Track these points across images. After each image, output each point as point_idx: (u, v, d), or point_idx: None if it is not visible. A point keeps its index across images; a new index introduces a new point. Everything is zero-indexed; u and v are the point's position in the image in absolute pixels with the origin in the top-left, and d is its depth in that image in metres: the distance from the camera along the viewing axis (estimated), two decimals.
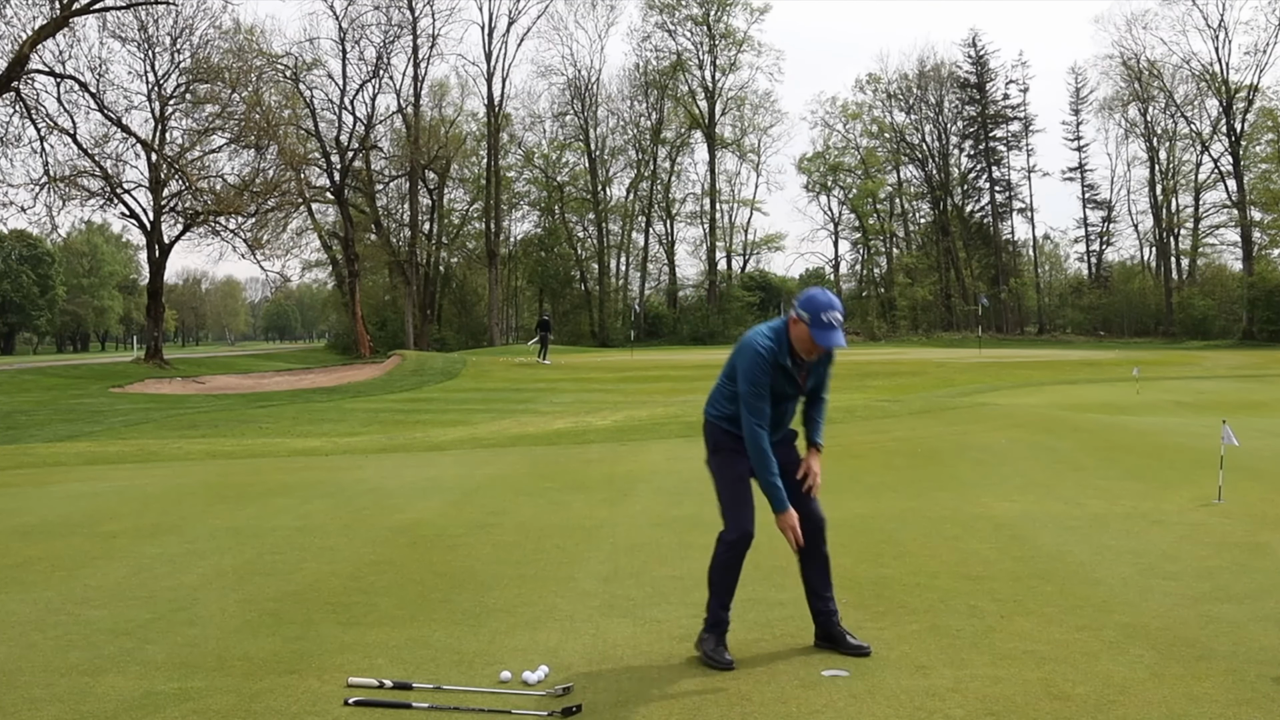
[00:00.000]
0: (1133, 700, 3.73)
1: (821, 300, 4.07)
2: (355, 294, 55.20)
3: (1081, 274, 74.21)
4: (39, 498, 9.26)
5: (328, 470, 10.86)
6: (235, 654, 4.42)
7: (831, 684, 3.98)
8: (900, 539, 6.53)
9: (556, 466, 10.52)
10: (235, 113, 42.12)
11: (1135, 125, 64.92)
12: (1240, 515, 7.16)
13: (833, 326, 4.06)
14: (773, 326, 4.26)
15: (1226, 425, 8.06)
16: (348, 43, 55.00)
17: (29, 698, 3.91)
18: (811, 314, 4.06)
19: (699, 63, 66.52)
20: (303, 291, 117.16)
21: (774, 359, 4.18)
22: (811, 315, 4.06)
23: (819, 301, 4.07)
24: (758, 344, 4.18)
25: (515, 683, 4.04)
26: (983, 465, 9.75)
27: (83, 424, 20.35)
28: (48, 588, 5.64)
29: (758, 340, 4.20)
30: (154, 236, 41.36)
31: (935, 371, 28.40)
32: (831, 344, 4.09)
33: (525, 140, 67.03)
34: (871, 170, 71.05)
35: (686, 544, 6.50)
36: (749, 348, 4.20)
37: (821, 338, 4.06)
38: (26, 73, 35.02)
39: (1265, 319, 54.02)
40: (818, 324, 4.06)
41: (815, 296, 4.10)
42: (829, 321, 4.05)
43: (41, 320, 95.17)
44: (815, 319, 4.06)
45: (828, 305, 4.05)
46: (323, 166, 55.21)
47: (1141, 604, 4.97)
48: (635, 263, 69.41)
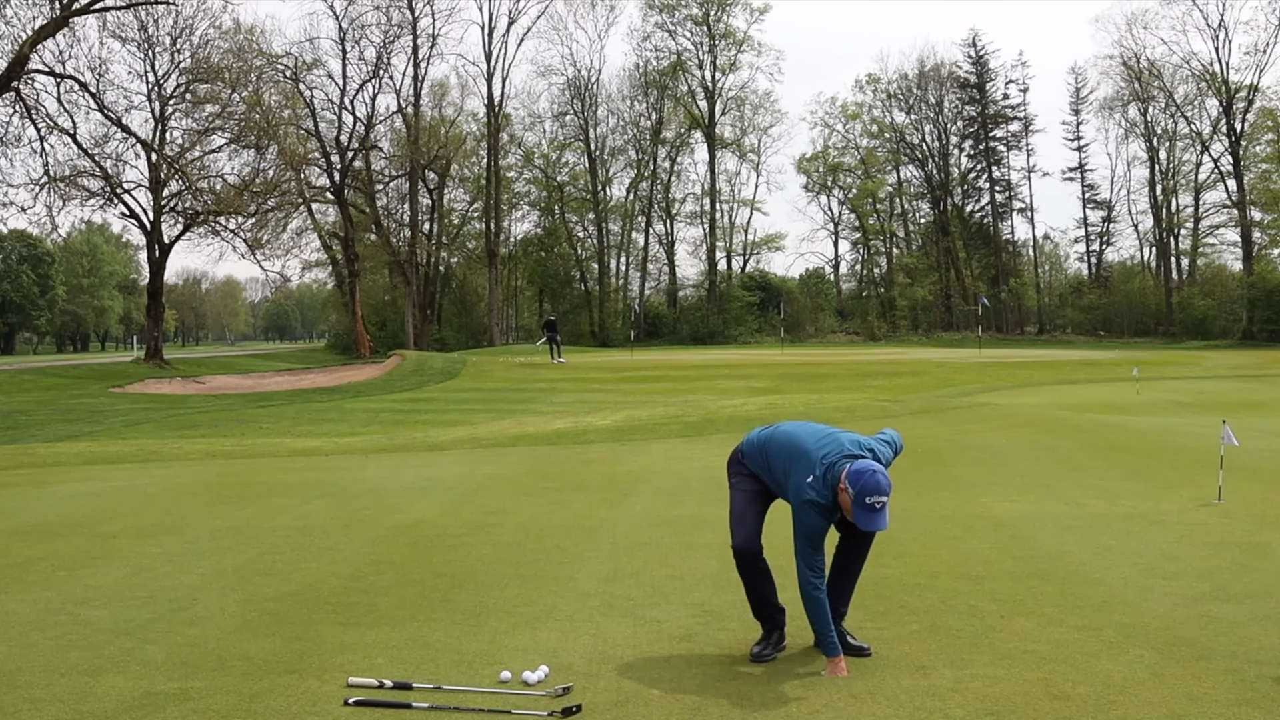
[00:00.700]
0: (1133, 700, 3.73)
1: (869, 484, 4.00)
2: (355, 294, 55.19)
3: (1081, 274, 74.21)
4: (39, 498, 9.26)
5: (328, 470, 10.86)
6: (235, 654, 4.42)
7: (831, 684, 3.98)
8: (900, 539, 6.53)
9: (556, 466, 10.52)
10: (235, 113, 42.13)
11: (1135, 125, 64.94)
12: (1240, 515, 7.16)
13: (874, 510, 4.02)
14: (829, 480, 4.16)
15: (1226, 425, 8.06)
16: (348, 43, 55.04)
17: (29, 698, 3.91)
18: (856, 492, 4.03)
19: (699, 63, 66.54)
20: (303, 291, 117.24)
21: (831, 517, 4.23)
22: (855, 493, 4.03)
23: (866, 484, 4.01)
24: (817, 500, 4.16)
25: (515, 683, 4.04)
26: (983, 465, 9.75)
27: (83, 424, 20.35)
28: (48, 588, 5.64)
29: (817, 498, 4.16)
30: (154, 236, 41.36)
31: (935, 371, 28.40)
32: (871, 528, 4.07)
33: (525, 140, 67.09)
34: (871, 170, 71.01)
35: (686, 544, 6.50)
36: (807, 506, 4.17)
37: (862, 520, 4.05)
38: (26, 73, 35.03)
39: (1265, 319, 54.01)
40: (860, 505, 4.04)
41: (865, 480, 4.02)
42: (872, 505, 4.02)
43: (41, 320, 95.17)
44: (859, 499, 4.03)
45: (875, 490, 4.00)
46: (323, 166, 55.21)
47: (1141, 604, 4.97)
48: (635, 263, 69.43)
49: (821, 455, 4.21)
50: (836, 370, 29.04)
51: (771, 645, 4.36)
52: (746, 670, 4.15)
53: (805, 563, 4.16)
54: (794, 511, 4.23)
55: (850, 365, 31.23)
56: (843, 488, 4.09)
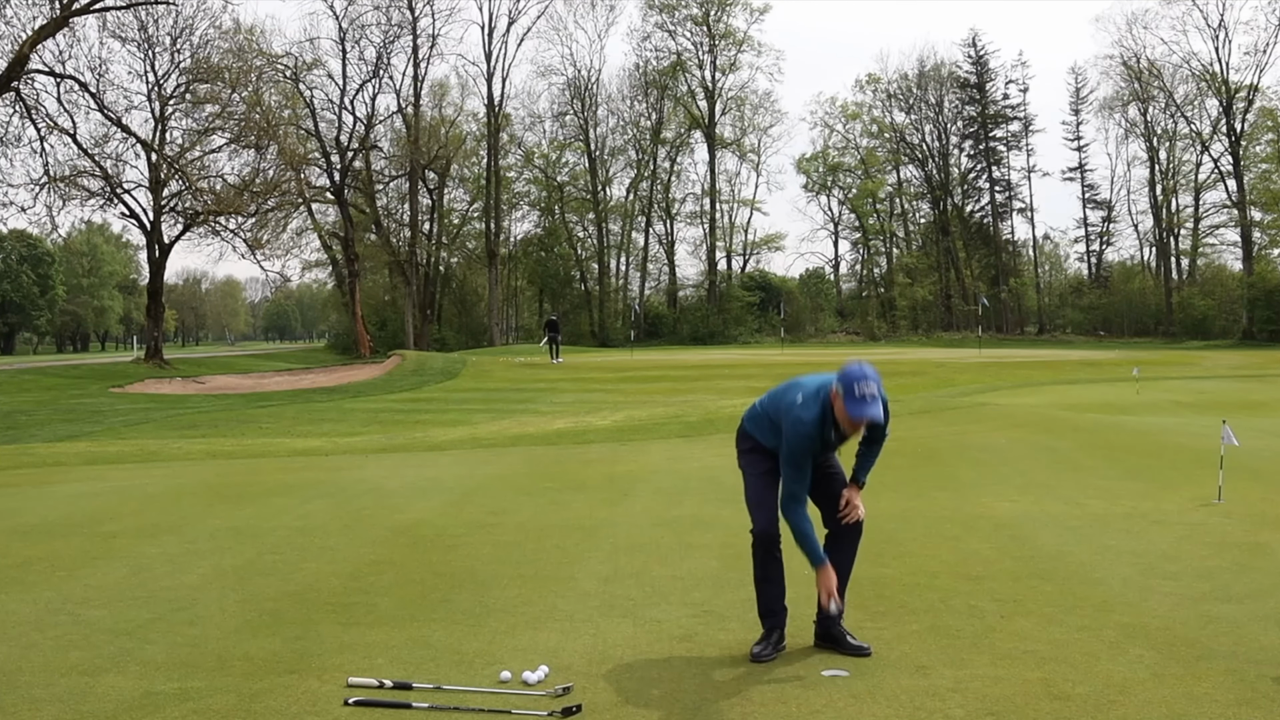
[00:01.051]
0: (1133, 700, 3.73)
1: (855, 372, 4.05)
2: (355, 294, 55.19)
3: (1081, 274, 74.21)
4: (39, 498, 9.26)
5: (328, 470, 10.86)
6: (235, 654, 4.42)
7: (831, 684, 3.98)
8: (900, 539, 6.53)
9: (556, 466, 10.52)
10: (235, 113, 42.12)
11: (1135, 125, 64.94)
12: (1240, 515, 7.16)
13: (865, 399, 4.02)
14: (820, 396, 4.21)
15: (1226, 425, 8.06)
16: (348, 43, 55.06)
17: (29, 698, 3.91)
18: (845, 386, 4.06)
19: (699, 63, 66.53)
20: (303, 291, 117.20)
21: (819, 433, 4.20)
22: (844, 387, 4.06)
23: (852, 374, 4.06)
24: (805, 417, 4.16)
25: (515, 683, 4.04)
26: (983, 465, 9.75)
27: (83, 424, 20.35)
28: (48, 588, 5.64)
29: (803, 414, 4.18)
30: (154, 236, 41.36)
31: (935, 371, 28.40)
32: (864, 416, 4.05)
33: (525, 140, 67.07)
34: (871, 170, 71.02)
35: (686, 544, 6.50)
36: (795, 422, 4.18)
37: (854, 409, 4.04)
38: (26, 73, 35.02)
39: (1265, 319, 54.02)
40: (849, 396, 4.05)
41: (849, 369, 4.09)
42: (861, 395, 4.02)
43: (41, 320, 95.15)
44: (848, 391, 4.04)
45: (860, 376, 4.03)
46: (323, 166, 55.23)
47: (1141, 604, 4.97)
48: (635, 263, 69.44)
49: (814, 384, 4.29)
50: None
51: (772, 645, 4.36)
52: (746, 670, 4.15)
53: (789, 481, 4.22)
54: (784, 436, 4.23)
55: None
56: (834, 393, 4.14)
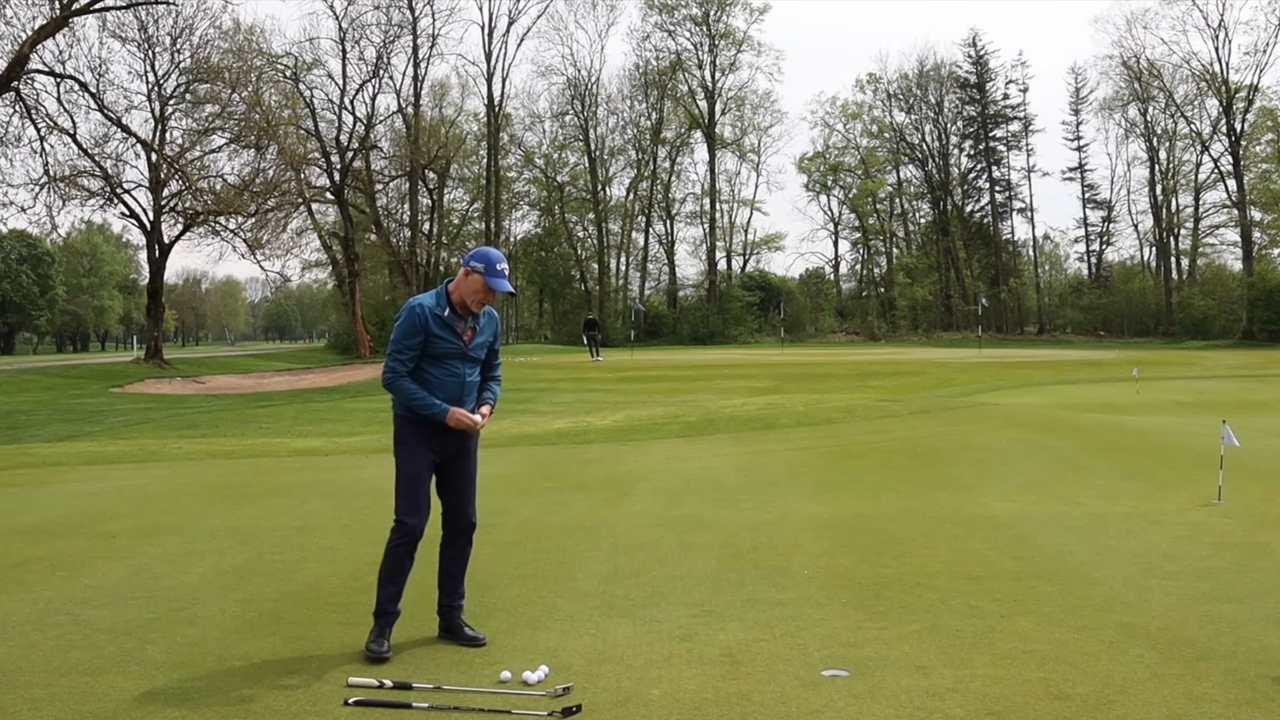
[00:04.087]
0: (1133, 700, 3.73)
1: (494, 254, 4.58)
2: (355, 294, 55.15)
3: (1081, 274, 74.24)
4: (39, 498, 9.25)
5: (328, 470, 10.86)
6: (235, 654, 4.42)
7: (831, 684, 3.98)
8: (900, 539, 6.53)
9: (556, 466, 10.52)
10: (235, 113, 42.07)
11: (1135, 125, 64.97)
12: (1240, 515, 7.16)
13: (504, 275, 4.55)
14: (434, 293, 4.64)
15: (1226, 425, 8.06)
16: (348, 43, 54.93)
17: (29, 698, 3.91)
18: (486, 264, 4.52)
19: (699, 63, 66.55)
20: (303, 291, 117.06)
21: (430, 312, 4.53)
22: (486, 265, 4.51)
23: (492, 255, 4.56)
24: (413, 301, 4.58)
25: (515, 683, 4.04)
26: (983, 465, 9.75)
27: (83, 424, 20.34)
28: (48, 588, 5.64)
29: (415, 299, 4.59)
30: (154, 236, 41.33)
31: (935, 371, 28.39)
32: (504, 287, 4.51)
33: (525, 140, 67.06)
34: (871, 170, 71.03)
35: (686, 544, 6.50)
36: (405, 306, 4.57)
37: (496, 283, 4.51)
38: (26, 73, 34.99)
39: (1265, 319, 54.01)
40: (492, 272, 4.51)
41: (488, 251, 4.60)
42: (501, 271, 4.55)
43: (41, 320, 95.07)
44: (490, 268, 4.51)
45: (500, 258, 4.57)
46: (323, 166, 55.13)
47: (1141, 604, 4.97)
48: (635, 263, 69.45)
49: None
50: (836, 370, 29.04)
51: (388, 641, 4.46)
52: (747, 670, 4.15)
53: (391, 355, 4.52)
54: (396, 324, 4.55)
55: (850, 365, 31.24)
56: (466, 270, 4.55)
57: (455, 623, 4.63)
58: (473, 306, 4.59)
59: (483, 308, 4.65)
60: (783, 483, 9.00)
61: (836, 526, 7.01)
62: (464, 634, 4.58)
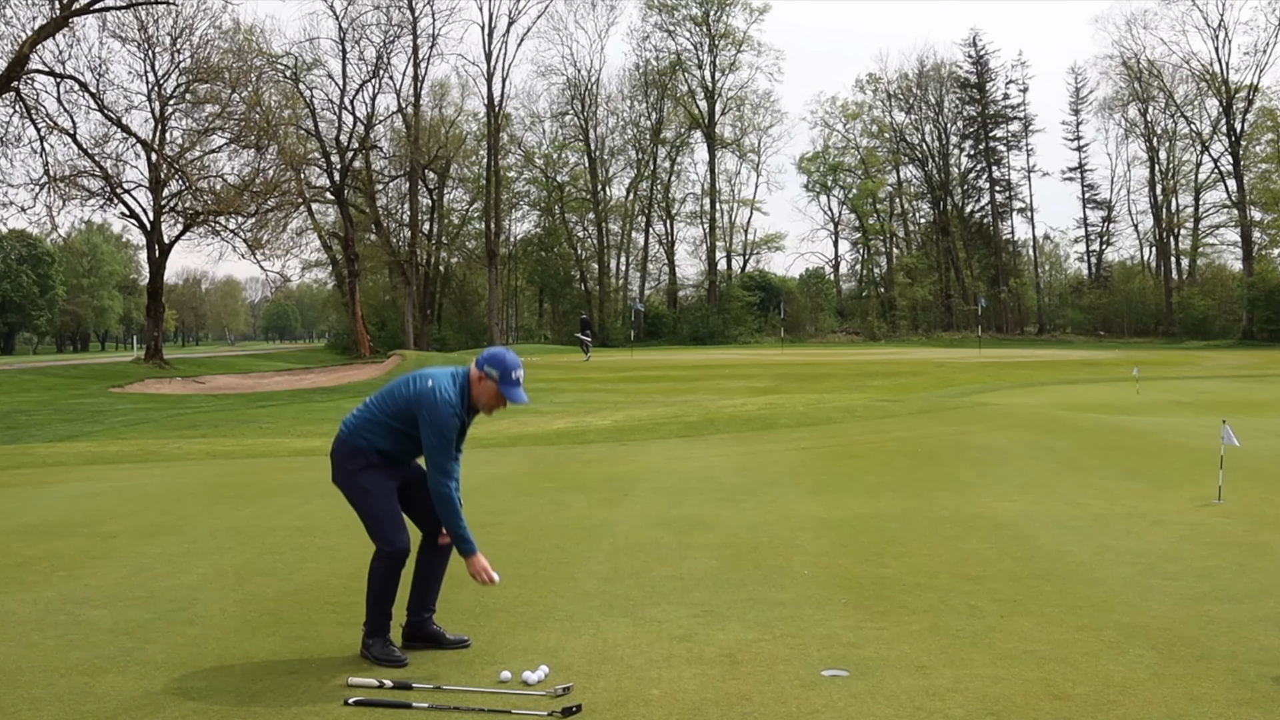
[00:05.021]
0: (1133, 700, 3.73)
1: (510, 360, 4.33)
2: (355, 294, 55.18)
3: (1081, 274, 74.27)
4: (39, 498, 9.25)
5: (328, 470, 10.83)
6: (235, 654, 4.42)
7: (831, 684, 3.97)
8: (900, 539, 6.53)
9: (556, 466, 10.52)
10: (235, 113, 42.08)
11: (1135, 125, 65.03)
12: (1240, 515, 7.16)
13: (519, 384, 4.34)
14: (456, 381, 4.36)
15: (1227, 425, 8.06)
16: (348, 43, 55.02)
17: (29, 698, 3.91)
18: (501, 372, 4.29)
19: (699, 63, 66.61)
20: (303, 291, 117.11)
21: (462, 415, 4.35)
22: (501, 373, 4.29)
23: (509, 361, 4.32)
24: (440, 399, 4.28)
25: (515, 683, 4.04)
26: (983, 465, 9.75)
27: (83, 424, 20.34)
28: (48, 588, 5.64)
29: (445, 395, 4.30)
30: (154, 236, 41.33)
31: (935, 371, 28.40)
32: (519, 400, 4.34)
33: (525, 140, 67.14)
34: (871, 170, 71.06)
35: (686, 544, 6.50)
36: (439, 403, 4.27)
37: (512, 395, 4.32)
38: (26, 73, 35.00)
39: (1265, 319, 54.02)
40: (507, 382, 4.30)
41: (504, 356, 4.34)
42: (517, 380, 4.33)
43: (41, 320, 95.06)
44: (505, 377, 4.30)
45: (516, 364, 4.32)
46: (323, 166, 55.19)
47: (1141, 604, 4.97)
48: (635, 263, 69.50)
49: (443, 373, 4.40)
50: (836, 370, 29.04)
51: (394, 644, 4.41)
52: (747, 670, 4.15)
53: (438, 463, 4.27)
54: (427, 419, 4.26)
55: (850, 365, 31.25)
56: (479, 375, 4.32)
57: (432, 630, 4.56)
58: (483, 410, 4.44)
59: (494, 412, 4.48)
60: (783, 483, 9.00)
61: (836, 526, 7.01)
62: (447, 639, 4.53)
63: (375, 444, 4.41)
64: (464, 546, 4.35)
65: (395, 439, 4.39)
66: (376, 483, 4.40)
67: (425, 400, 4.29)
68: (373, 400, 4.49)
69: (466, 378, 4.38)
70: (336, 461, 4.51)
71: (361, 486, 4.41)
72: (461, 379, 4.38)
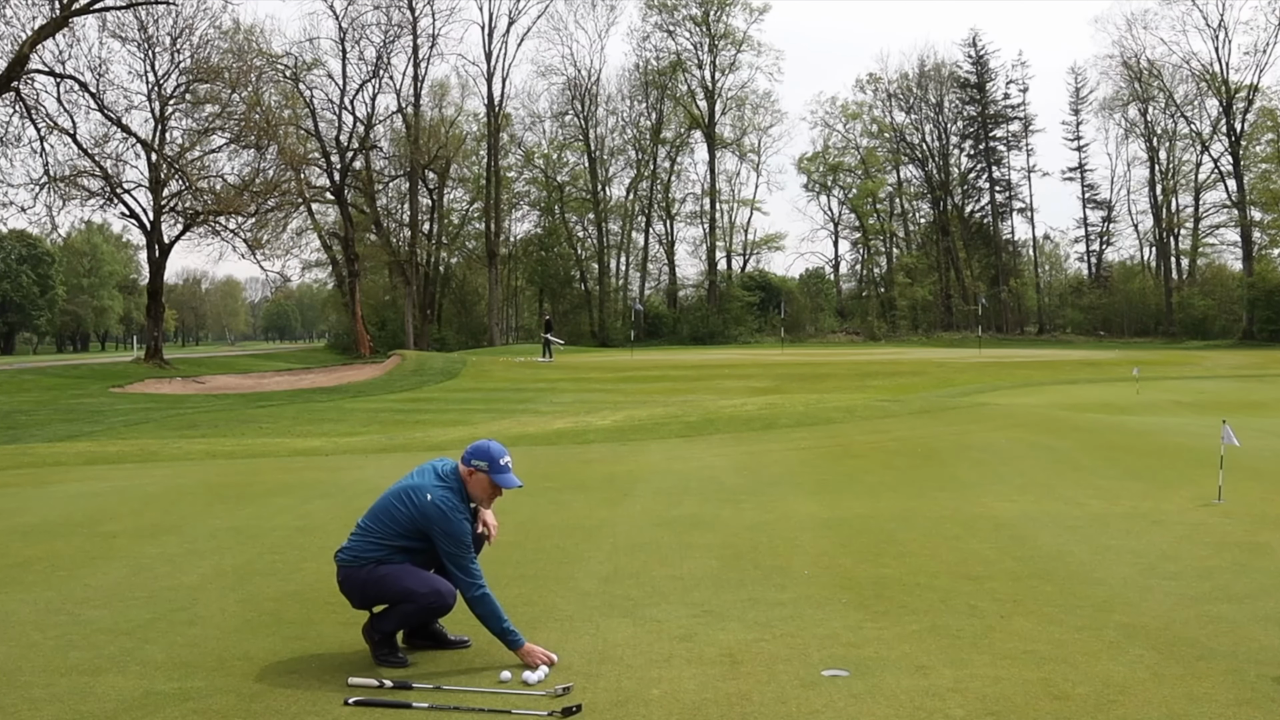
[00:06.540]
0: (1133, 700, 3.73)
1: (495, 449, 4.42)
2: (355, 294, 55.18)
3: (1081, 274, 74.22)
4: (39, 498, 9.25)
5: (328, 470, 10.85)
6: (235, 654, 4.42)
7: (831, 684, 3.98)
8: (900, 539, 6.53)
9: (556, 466, 10.52)
10: (235, 113, 42.10)
11: (1135, 125, 64.98)
12: (1240, 515, 7.16)
13: (509, 469, 4.45)
14: (450, 487, 4.39)
15: (1227, 425, 8.06)
16: (348, 43, 55.02)
17: (29, 698, 3.91)
18: (490, 462, 4.39)
19: (698, 63, 66.54)
20: (303, 291, 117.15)
21: (468, 516, 4.42)
22: (490, 463, 4.39)
23: (494, 450, 4.41)
24: (446, 505, 4.31)
25: (515, 683, 4.04)
26: (983, 465, 9.75)
27: (83, 424, 20.34)
28: (48, 588, 5.64)
29: (450, 503, 4.33)
30: (154, 236, 41.34)
31: (935, 371, 28.40)
32: (512, 485, 4.44)
33: (525, 140, 67.10)
34: (871, 170, 71.03)
35: (686, 544, 6.50)
36: (449, 512, 4.31)
37: (505, 481, 4.42)
38: (26, 73, 35.00)
39: (1265, 319, 54.02)
40: (497, 470, 4.40)
41: (488, 448, 4.42)
42: (506, 465, 4.43)
43: (41, 320, 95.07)
44: (494, 465, 4.40)
45: (502, 452, 4.42)
46: (323, 166, 55.18)
47: (1141, 604, 4.97)
48: (635, 263, 69.45)
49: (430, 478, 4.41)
50: (836, 370, 29.04)
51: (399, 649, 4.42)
52: (747, 670, 4.15)
53: (465, 570, 4.30)
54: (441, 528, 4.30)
55: (850, 365, 31.24)
56: (469, 471, 4.41)
57: (433, 630, 4.55)
58: (482, 505, 4.51)
59: (491, 504, 4.55)
60: (783, 483, 9.00)
61: (836, 526, 7.01)
62: (448, 639, 4.54)
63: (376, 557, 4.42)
64: (512, 640, 4.28)
65: (403, 557, 4.40)
66: (404, 568, 4.38)
67: (434, 516, 4.31)
68: (368, 524, 4.46)
69: (457, 476, 4.43)
70: (349, 589, 4.46)
71: (380, 575, 4.38)
72: (452, 479, 4.41)
